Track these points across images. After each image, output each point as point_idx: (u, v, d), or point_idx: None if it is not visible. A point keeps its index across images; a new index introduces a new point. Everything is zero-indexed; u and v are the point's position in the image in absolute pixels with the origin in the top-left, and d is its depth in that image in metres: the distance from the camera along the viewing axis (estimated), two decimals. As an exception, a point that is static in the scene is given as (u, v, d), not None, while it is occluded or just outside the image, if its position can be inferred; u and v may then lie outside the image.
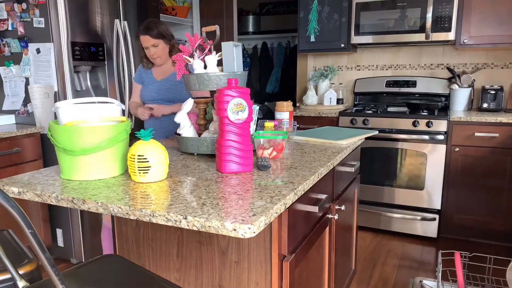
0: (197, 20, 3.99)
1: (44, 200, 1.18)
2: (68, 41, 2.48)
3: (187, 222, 0.96)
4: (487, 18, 2.98)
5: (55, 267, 0.89)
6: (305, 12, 3.49)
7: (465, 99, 3.31)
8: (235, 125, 1.36)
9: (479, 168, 2.91)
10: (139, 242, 1.48)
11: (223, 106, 1.34)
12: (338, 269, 1.85)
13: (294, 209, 1.24)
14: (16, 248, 1.41)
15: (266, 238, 1.21)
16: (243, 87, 1.44)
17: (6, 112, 2.76)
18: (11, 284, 1.20)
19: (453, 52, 3.42)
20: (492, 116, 2.88)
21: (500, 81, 3.33)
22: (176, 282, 1.42)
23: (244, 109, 1.36)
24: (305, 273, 1.40)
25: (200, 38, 1.71)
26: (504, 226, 2.91)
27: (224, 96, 1.33)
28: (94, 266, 1.25)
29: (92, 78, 2.81)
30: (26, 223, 0.83)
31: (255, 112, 1.75)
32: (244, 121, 1.36)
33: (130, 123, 1.40)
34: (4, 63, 2.68)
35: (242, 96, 1.35)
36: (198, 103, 1.75)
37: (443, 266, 2.64)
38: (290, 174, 1.34)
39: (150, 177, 1.25)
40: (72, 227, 2.65)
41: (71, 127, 1.27)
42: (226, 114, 1.34)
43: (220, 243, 1.31)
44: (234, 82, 1.36)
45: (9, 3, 2.57)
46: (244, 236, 0.91)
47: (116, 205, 1.05)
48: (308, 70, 4.01)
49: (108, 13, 2.72)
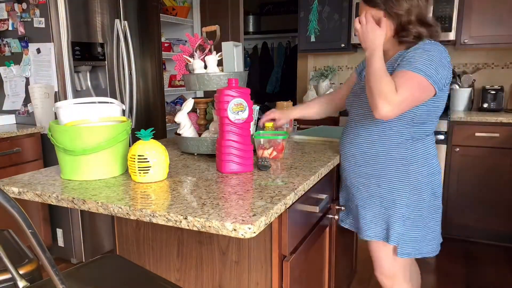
0: (197, 20, 3.98)
1: (45, 200, 1.18)
2: (69, 41, 2.48)
3: (187, 222, 0.96)
4: (488, 18, 2.97)
5: (56, 267, 0.89)
6: (305, 12, 3.49)
7: (465, 99, 3.31)
8: (235, 125, 1.36)
9: (480, 168, 2.91)
10: (139, 242, 1.48)
11: (223, 106, 1.34)
12: (338, 269, 1.85)
13: (294, 209, 1.24)
14: (16, 248, 1.41)
15: (267, 238, 1.21)
16: (243, 87, 1.43)
17: (6, 112, 2.76)
18: (11, 284, 1.20)
19: (453, 52, 3.42)
20: (493, 116, 2.87)
21: (501, 81, 3.32)
22: (176, 282, 1.42)
23: (245, 109, 1.36)
24: (305, 273, 1.40)
25: (201, 38, 1.71)
26: (504, 226, 2.91)
27: (224, 96, 1.33)
28: (95, 266, 1.25)
29: (92, 78, 2.81)
30: (27, 223, 0.82)
31: (255, 112, 1.75)
32: (244, 121, 1.36)
33: (130, 123, 1.40)
34: (4, 63, 2.68)
35: (242, 96, 1.35)
36: (198, 103, 1.75)
37: (441, 266, 2.64)
38: (290, 174, 1.34)
39: (150, 177, 1.24)
40: (72, 227, 2.65)
41: (71, 127, 1.27)
42: (226, 114, 1.34)
43: (220, 243, 1.31)
44: (235, 82, 1.36)
45: (10, 3, 2.57)
46: (244, 236, 0.91)
47: (116, 205, 1.05)
48: (308, 70, 4.01)
49: (108, 13, 2.72)
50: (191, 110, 1.71)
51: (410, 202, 1.47)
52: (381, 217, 1.53)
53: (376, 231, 1.54)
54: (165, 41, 3.66)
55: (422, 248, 1.52)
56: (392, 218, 1.49)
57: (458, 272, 2.58)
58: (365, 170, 1.52)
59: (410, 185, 1.46)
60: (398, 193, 1.48)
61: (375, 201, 1.53)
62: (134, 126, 2.91)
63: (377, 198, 1.52)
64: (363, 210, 1.57)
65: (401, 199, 1.47)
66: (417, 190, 1.47)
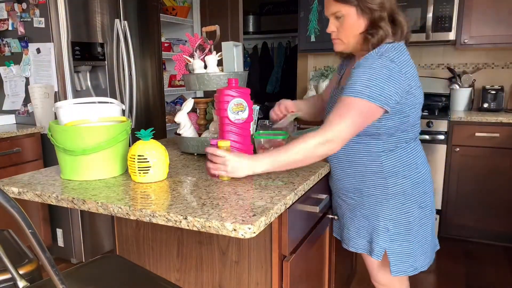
0: (197, 20, 3.98)
1: (44, 200, 1.18)
2: (68, 41, 2.48)
3: (187, 222, 0.96)
4: (488, 18, 2.97)
5: (55, 267, 0.89)
6: (305, 12, 3.49)
7: (465, 99, 3.30)
8: (235, 125, 1.36)
9: (480, 168, 2.91)
10: (139, 242, 1.48)
11: (224, 106, 1.33)
12: (338, 269, 1.85)
13: (294, 209, 1.23)
14: (16, 248, 1.41)
15: (267, 238, 1.21)
16: (243, 87, 1.43)
17: (6, 112, 2.76)
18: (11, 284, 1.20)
19: (453, 52, 3.42)
20: (493, 116, 2.87)
21: (501, 81, 3.32)
22: (176, 282, 1.42)
23: (245, 109, 1.35)
24: (305, 273, 1.39)
25: (200, 38, 1.71)
26: (504, 226, 2.90)
27: (225, 96, 1.33)
28: (94, 266, 1.25)
29: (92, 78, 2.81)
30: (27, 223, 0.82)
31: (255, 112, 1.75)
32: (244, 121, 1.36)
33: (130, 123, 1.40)
34: (4, 63, 2.68)
35: (242, 96, 1.35)
36: (198, 103, 1.75)
37: (441, 266, 2.64)
38: (290, 174, 1.34)
39: (150, 177, 1.24)
40: (72, 227, 2.65)
41: (71, 127, 1.27)
42: (227, 114, 1.34)
43: (220, 243, 1.31)
44: (235, 82, 1.36)
45: (9, 3, 2.57)
46: (244, 236, 0.91)
47: (116, 205, 1.05)
48: (308, 70, 4.01)
49: (108, 13, 2.72)
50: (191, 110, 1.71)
51: (394, 215, 1.41)
52: (365, 229, 1.47)
53: (360, 243, 1.49)
54: (165, 41, 3.66)
55: (416, 263, 1.44)
56: (375, 231, 1.43)
57: (458, 272, 2.58)
58: (346, 182, 1.47)
59: (391, 199, 1.40)
60: (379, 206, 1.41)
61: (358, 213, 1.47)
62: (134, 126, 2.91)
63: (360, 210, 1.46)
64: (347, 220, 1.52)
65: (383, 212, 1.41)
66: (401, 203, 1.40)
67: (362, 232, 1.48)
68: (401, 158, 1.39)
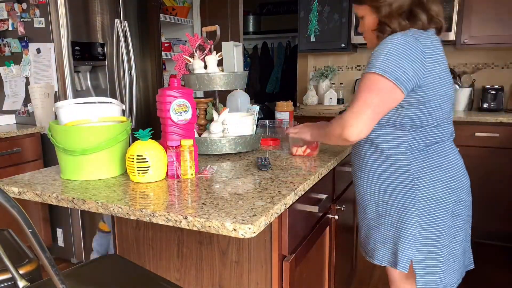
0: (197, 20, 3.98)
1: (45, 200, 1.18)
2: (68, 41, 2.48)
3: (187, 222, 0.96)
4: (488, 18, 2.97)
5: (56, 267, 0.89)
6: (305, 12, 3.49)
7: (465, 99, 3.30)
8: (178, 126, 1.34)
9: (480, 168, 2.91)
10: (139, 242, 1.48)
11: (166, 107, 1.31)
12: (338, 269, 1.85)
13: (294, 209, 1.23)
14: (16, 248, 1.41)
15: (267, 238, 1.21)
16: (186, 87, 1.39)
17: (6, 112, 2.76)
18: (11, 284, 1.20)
19: (453, 52, 3.42)
20: (493, 116, 2.87)
21: (501, 81, 3.32)
22: (176, 282, 1.42)
23: (188, 110, 1.33)
24: (305, 273, 1.39)
25: (201, 38, 1.71)
26: (504, 226, 2.90)
27: (166, 97, 1.31)
28: (95, 266, 1.25)
29: (92, 78, 2.81)
30: (27, 223, 0.82)
31: (255, 112, 1.75)
32: (187, 122, 1.34)
33: (130, 123, 1.40)
34: (4, 63, 2.68)
35: (185, 96, 1.32)
36: (198, 103, 1.75)
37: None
38: (290, 174, 1.34)
39: (149, 177, 1.24)
40: (72, 227, 2.65)
41: (71, 127, 1.27)
42: (169, 115, 1.32)
43: (220, 243, 1.31)
44: (177, 82, 1.33)
45: (10, 3, 2.57)
46: (244, 236, 0.91)
47: (116, 205, 1.05)
48: (308, 70, 4.01)
49: (108, 13, 2.72)
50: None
51: (422, 222, 1.30)
52: (391, 239, 1.37)
53: (384, 254, 1.39)
54: (165, 41, 3.65)
55: (445, 279, 1.32)
56: (401, 239, 1.33)
57: (458, 272, 2.58)
58: (372, 187, 1.40)
59: (419, 203, 1.30)
60: (406, 211, 1.31)
61: (383, 220, 1.38)
62: (134, 126, 2.91)
63: (387, 218, 1.37)
64: (372, 230, 1.43)
65: (410, 217, 1.31)
66: (431, 209, 1.29)
67: (387, 242, 1.38)
68: (431, 159, 1.30)
